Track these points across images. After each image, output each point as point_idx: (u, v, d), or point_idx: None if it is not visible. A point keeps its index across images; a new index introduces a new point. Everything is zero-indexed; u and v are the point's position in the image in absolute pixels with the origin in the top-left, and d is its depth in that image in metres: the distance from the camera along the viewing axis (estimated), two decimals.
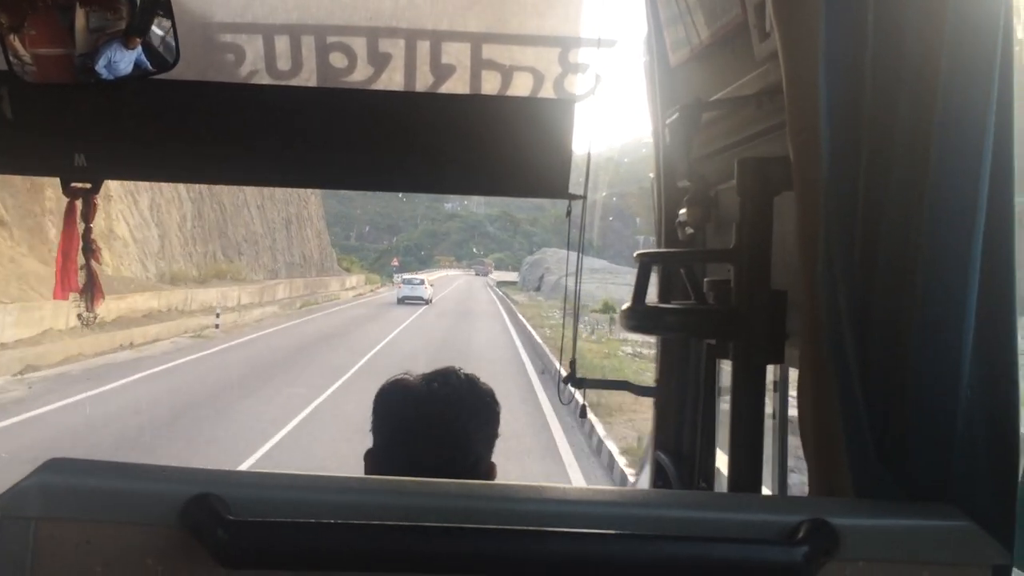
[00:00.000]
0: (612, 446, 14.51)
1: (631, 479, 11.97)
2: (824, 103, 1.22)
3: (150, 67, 2.16)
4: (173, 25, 2.15)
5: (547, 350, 26.09)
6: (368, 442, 1.75)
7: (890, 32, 1.18)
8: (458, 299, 68.03)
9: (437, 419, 1.68)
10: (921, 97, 1.16)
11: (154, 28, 2.15)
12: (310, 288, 60.62)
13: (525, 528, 1.07)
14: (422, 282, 59.34)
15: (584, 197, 2.52)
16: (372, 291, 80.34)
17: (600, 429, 15.72)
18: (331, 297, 60.19)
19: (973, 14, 1.13)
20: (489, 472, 1.73)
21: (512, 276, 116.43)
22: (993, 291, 1.18)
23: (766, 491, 2.09)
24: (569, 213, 2.59)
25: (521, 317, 44.10)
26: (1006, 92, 1.14)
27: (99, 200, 2.47)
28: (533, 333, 33.64)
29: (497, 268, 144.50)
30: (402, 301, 54.92)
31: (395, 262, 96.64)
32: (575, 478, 12.97)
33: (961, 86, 1.13)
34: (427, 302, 54.72)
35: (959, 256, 1.15)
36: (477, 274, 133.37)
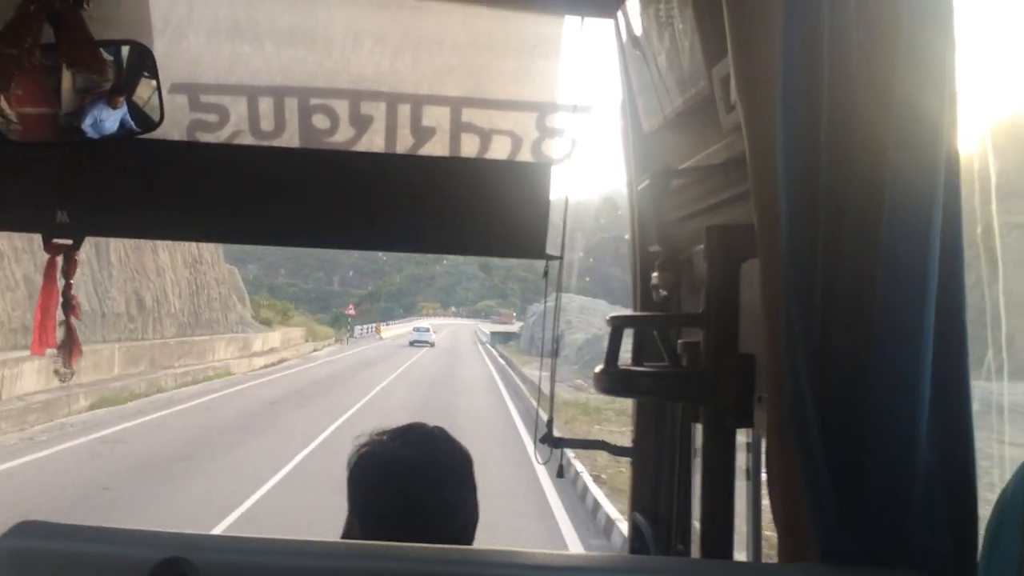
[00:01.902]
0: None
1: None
2: (783, 173, 1.26)
3: (135, 127, 2.20)
4: (158, 85, 2.20)
5: None
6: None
7: (843, 105, 1.23)
8: (429, 378, 37.97)
9: (417, 495, 1.62)
10: (873, 166, 1.20)
11: (139, 88, 2.20)
12: (163, 358, 31.80)
13: None
14: (428, 329, 76.58)
15: (561, 257, 2.56)
16: (310, 352, 54.37)
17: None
18: (197, 378, 31.96)
19: (920, 84, 1.18)
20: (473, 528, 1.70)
21: (504, 327, 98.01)
22: (948, 356, 1.20)
23: (739, 555, 2.09)
24: (546, 273, 2.63)
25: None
26: (953, 160, 1.19)
27: (79, 256, 2.48)
28: None
29: (485, 317, 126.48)
30: (413, 344, 69.99)
31: (351, 310, 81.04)
32: None
33: (910, 155, 1.18)
34: (431, 345, 69.93)
35: (912, 322, 1.18)
36: (495, 322, 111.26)
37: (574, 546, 11.85)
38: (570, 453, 15.27)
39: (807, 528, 1.25)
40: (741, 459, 2.09)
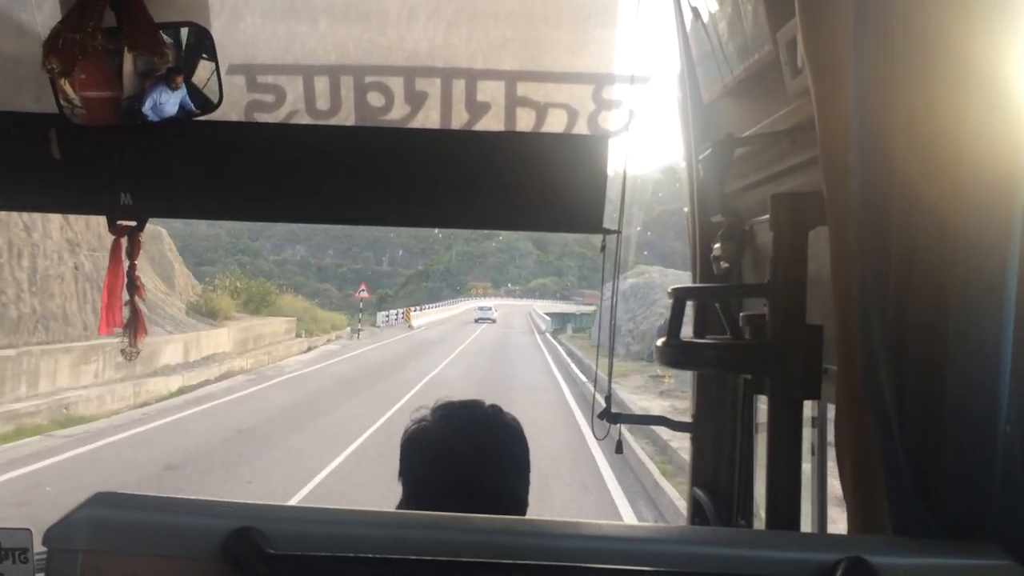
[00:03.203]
0: None
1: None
2: (855, 138, 1.22)
3: (194, 108, 2.23)
4: (217, 67, 2.22)
5: None
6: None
7: (920, 66, 1.18)
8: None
9: (472, 474, 1.64)
10: (953, 127, 1.16)
11: (198, 70, 2.23)
12: None
13: (560, 564, 1.07)
14: (491, 308, 78.46)
15: (619, 232, 2.53)
16: (286, 358, 33.91)
17: None
18: None
19: (1004, 39, 1.13)
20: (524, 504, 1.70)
21: (562, 306, 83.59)
22: None
23: (805, 528, 2.07)
24: (603, 248, 2.60)
25: None
26: None
27: (143, 238, 2.53)
28: None
29: (540, 296, 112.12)
30: (477, 321, 71.98)
31: (363, 292, 55.80)
32: None
33: (994, 115, 1.13)
34: (493, 321, 73.08)
35: (995, 289, 1.14)
36: (575, 303, 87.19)
37: None
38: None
39: (881, 500, 1.22)
40: (806, 432, 2.06)
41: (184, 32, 2.18)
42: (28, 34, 2.26)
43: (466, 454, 1.66)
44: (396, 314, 68.06)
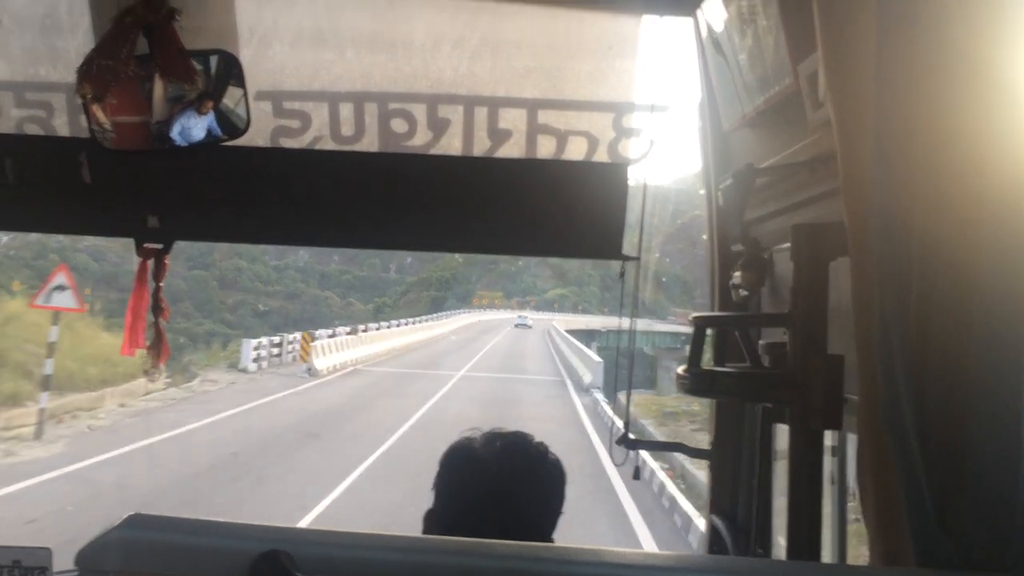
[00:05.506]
0: None
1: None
2: (876, 170, 1.23)
3: (221, 133, 2.27)
4: (245, 94, 2.27)
5: None
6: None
7: (942, 98, 1.19)
8: None
9: (504, 499, 1.65)
10: (975, 159, 1.17)
11: (226, 96, 2.27)
12: None
13: None
14: (527, 317, 79.30)
15: (638, 258, 2.55)
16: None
17: None
18: None
19: None
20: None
21: (585, 320, 73.98)
22: None
23: (825, 558, 2.06)
24: (623, 274, 2.62)
25: None
26: None
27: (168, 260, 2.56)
28: None
29: (559, 310, 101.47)
30: (517, 326, 71.07)
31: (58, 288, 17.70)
32: None
33: (1016, 147, 1.14)
34: (530, 327, 72.19)
35: (1017, 320, 1.14)
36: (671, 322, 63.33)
37: None
38: None
39: (903, 531, 1.22)
40: (826, 461, 2.06)
41: (214, 60, 2.22)
42: (62, 60, 2.31)
43: (501, 477, 1.66)
44: (290, 347, 35.45)
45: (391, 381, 30.52)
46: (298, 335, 35.66)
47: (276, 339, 35.56)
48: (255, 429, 19.81)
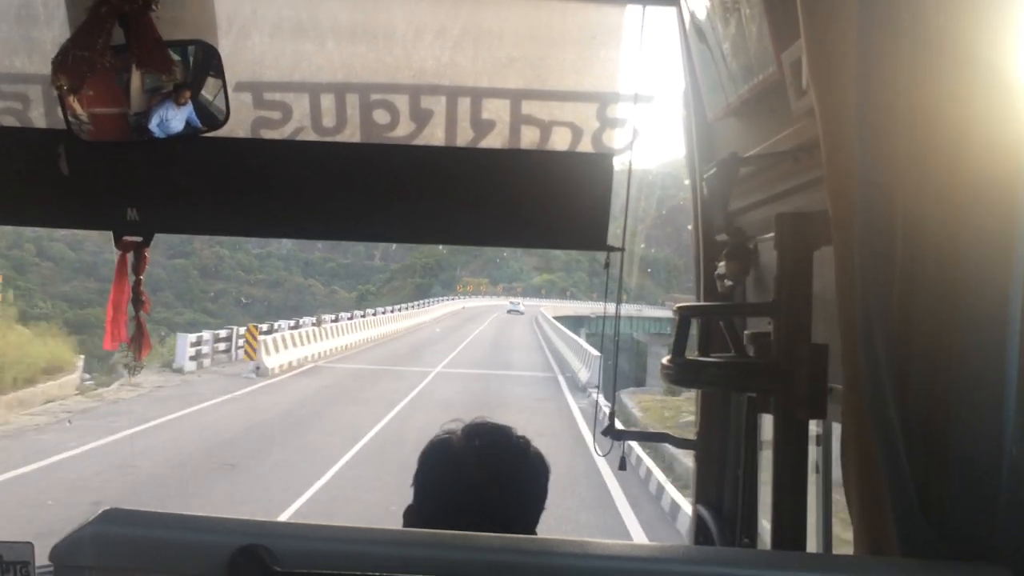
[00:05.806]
0: None
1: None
2: (860, 158, 1.23)
3: (201, 125, 2.24)
4: (224, 85, 2.24)
5: None
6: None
7: (924, 85, 1.19)
8: None
9: (485, 495, 1.62)
10: (956, 148, 1.16)
11: (205, 87, 2.24)
12: None
13: None
14: (519, 303, 78.99)
15: (623, 249, 2.54)
16: None
17: None
18: None
19: (1007, 62, 1.14)
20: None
21: (573, 307, 74.45)
22: None
23: (811, 547, 2.06)
24: (607, 265, 2.61)
25: None
26: None
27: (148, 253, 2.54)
28: None
29: (547, 296, 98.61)
30: (509, 312, 70.24)
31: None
32: None
33: (996, 135, 1.14)
34: (522, 313, 72.07)
35: (999, 309, 1.14)
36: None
37: None
38: None
39: (887, 519, 1.22)
40: (811, 450, 2.06)
41: (192, 50, 2.19)
42: (38, 51, 2.28)
43: (481, 475, 1.65)
44: (232, 345, 31.49)
45: (353, 381, 27.02)
46: (242, 331, 30.24)
47: (222, 332, 31.42)
48: (151, 456, 15.00)
